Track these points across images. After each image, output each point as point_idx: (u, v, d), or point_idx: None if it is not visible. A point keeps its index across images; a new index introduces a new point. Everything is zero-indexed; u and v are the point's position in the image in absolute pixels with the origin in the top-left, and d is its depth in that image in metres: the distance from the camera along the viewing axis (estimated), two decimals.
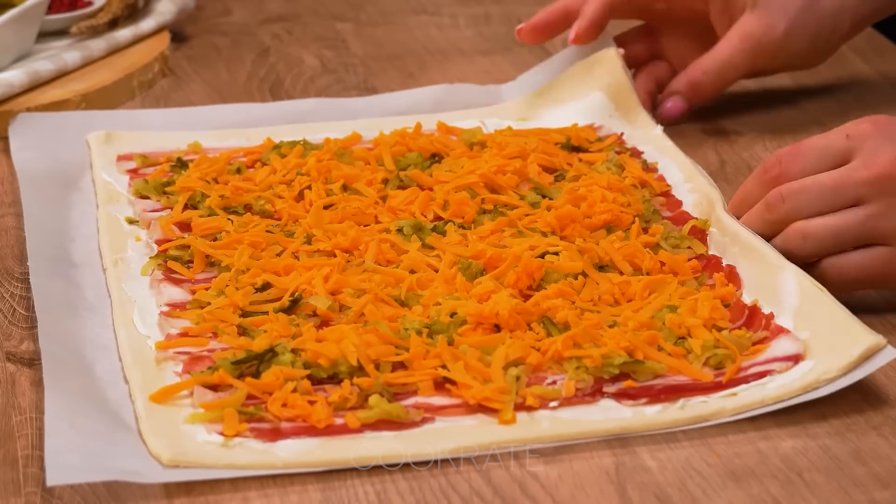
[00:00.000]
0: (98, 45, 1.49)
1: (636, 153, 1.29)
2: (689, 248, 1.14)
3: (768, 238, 1.10)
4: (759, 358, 1.02)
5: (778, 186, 1.08)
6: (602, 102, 1.36)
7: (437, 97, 1.41)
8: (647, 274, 1.11)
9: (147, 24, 1.54)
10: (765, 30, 1.30)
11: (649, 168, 1.26)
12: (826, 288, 1.05)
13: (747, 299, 1.07)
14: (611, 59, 1.37)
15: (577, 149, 1.30)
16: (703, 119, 1.40)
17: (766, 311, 1.06)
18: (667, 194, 1.23)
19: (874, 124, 1.06)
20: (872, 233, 1.05)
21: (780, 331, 1.03)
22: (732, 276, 1.09)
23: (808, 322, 1.03)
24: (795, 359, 1.01)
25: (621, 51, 1.38)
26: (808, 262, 1.08)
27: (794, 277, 1.06)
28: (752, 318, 1.06)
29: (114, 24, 1.51)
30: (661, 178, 1.25)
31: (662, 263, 1.12)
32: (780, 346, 1.02)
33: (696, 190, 1.22)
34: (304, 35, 1.62)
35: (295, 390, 0.98)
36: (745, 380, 1.01)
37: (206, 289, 1.09)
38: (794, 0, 1.30)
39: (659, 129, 1.32)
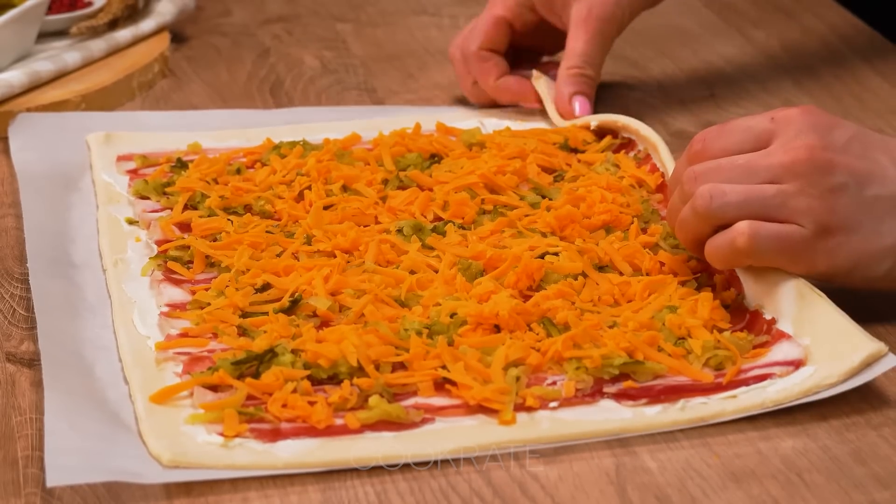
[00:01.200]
0: (98, 45, 1.49)
1: (631, 145, 1.29)
2: None
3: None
4: (759, 361, 1.02)
5: (689, 169, 1.06)
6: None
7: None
8: (647, 274, 1.11)
9: (147, 25, 1.54)
10: (599, 4, 1.36)
11: (641, 161, 1.26)
12: (736, 255, 1.03)
13: (749, 304, 1.07)
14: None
15: (574, 150, 1.30)
16: (700, 118, 1.40)
17: (766, 316, 1.05)
18: (662, 187, 1.23)
19: (801, 111, 1.04)
20: (783, 208, 1.02)
21: (782, 336, 1.03)
22: (732, 277, 1.09)
23: (808, 328, 1.03)
24: (796, 364, 1.01)
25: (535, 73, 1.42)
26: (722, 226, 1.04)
27: (793, 283, 1.05)
28: (754, 322, 1.06)
29: (114, 24, 1.51)
30: (654, 169, 1.25)
31: (662, 264, 1.12)
32: (781, 351, 1.02)
33: None
34: (305, 36, 1.62)
35: (295, 391, 0.98)
36: (746, 382, 1.01)
37: (206, 289, 1.09)
38: None
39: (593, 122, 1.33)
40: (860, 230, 1.02)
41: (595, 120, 1.32)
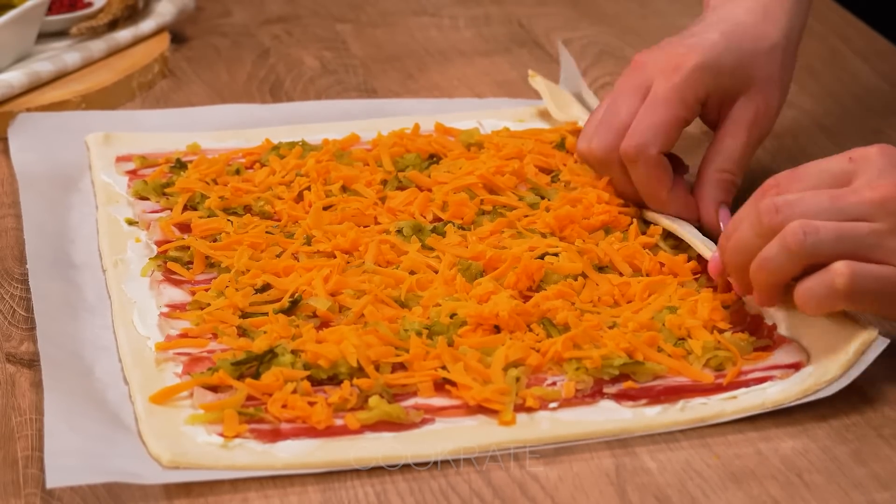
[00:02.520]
0: (98, 46, 1.49)
1: None
2: (688, 248, 1.14)
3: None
4: (760, 364, 1.02)
5: (767, 199, 1.00)
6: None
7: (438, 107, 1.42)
8: (647, 275, 1.11)
9: (147, 25, 1.54)
10: (765, 110, 1.19)
11: None
12: (834, 298, 0.97)
13: (749, 309, 1.07)
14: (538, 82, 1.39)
15: (570, 151, 1.30)
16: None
17: (768, 322, 1.05)
18: None
19: (880, 150, 0.99)
20: (878, 248, 0.96)
21: (784, 340, 1.03)
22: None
23: (801, 326, 1.03)
24: (796, 366, 1.01)
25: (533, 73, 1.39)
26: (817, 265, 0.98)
27: None
28: (756, 326, 1.05)
29: (114, 25, 1.51)
30: None
31: (662, 264, 1.12)
32: (782, 355, 1.02)
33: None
34: (304, 36, 1.62)
35: (295, 391, 0.98)
36: (746, 383, 1.01)
37: (206, 290, 1.09)
38: (774, 65, 1.19)
39: None
40: None
41: (582, 120, 1.32)
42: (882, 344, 0.99)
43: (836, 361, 0.99)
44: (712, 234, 1.14)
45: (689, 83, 1.15)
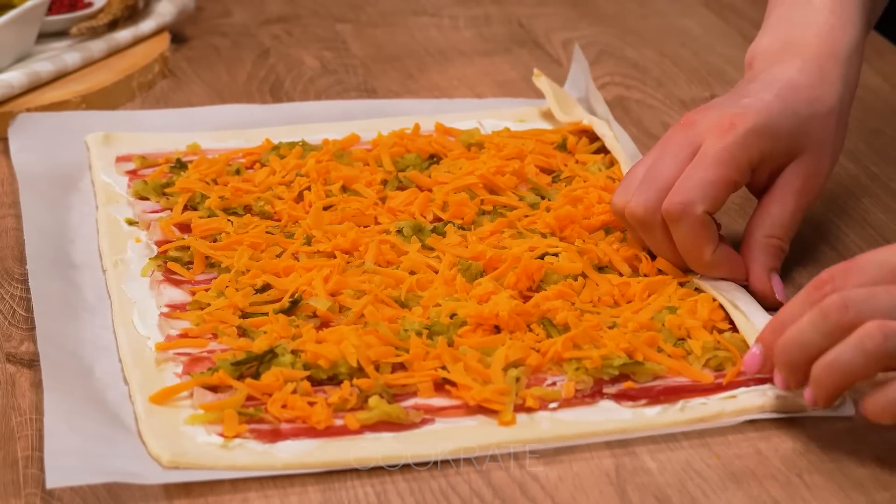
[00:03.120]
0: (98, 46, 1.49)
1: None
2: None
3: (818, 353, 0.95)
4: None
5: (834, 295, 0.93)
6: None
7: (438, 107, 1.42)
8: (646, 275, 1.11)
9: (147, 26, 1.54)
10: (815, 171, 1.12)
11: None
12: (868, 363, 0.91)
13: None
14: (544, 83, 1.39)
15: (571, 151, 1.30)
16: None
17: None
18: None
19: None
20: None
21: None
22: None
23: None
24: None
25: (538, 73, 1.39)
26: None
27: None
28: None
29: (114, 25, 1.51)
30: None
31: (660, 271, 1.11)
32: None
33: None
34: (304, 36, 1.62)
35: (295, 391, 0.98)
36: (746, 383, 1.01)
37: (206, 290, 1.09)
38: (829, 130, 1.12)
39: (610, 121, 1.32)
40: None
41: (586, 119, 1.32)
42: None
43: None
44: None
45: (743, 145, 1.08)
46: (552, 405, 0.99)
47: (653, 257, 1.12)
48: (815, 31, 1.13)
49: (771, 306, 1.08)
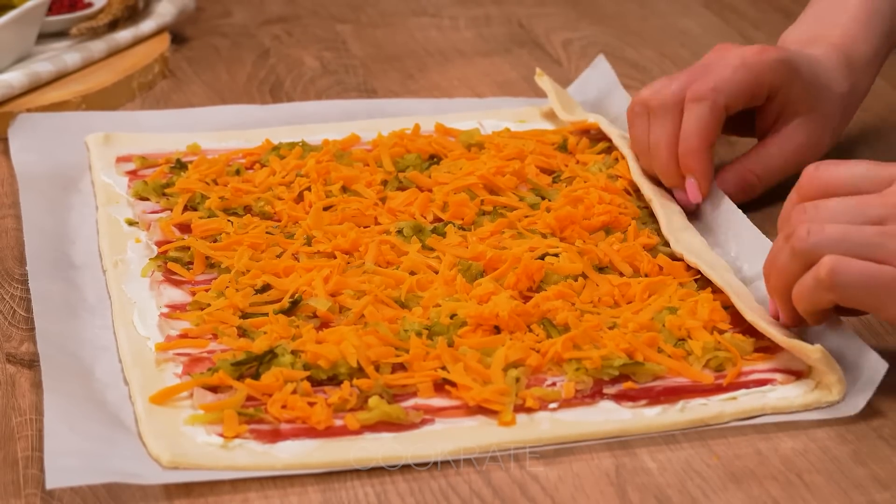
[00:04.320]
0: (98, 46, 1.49)
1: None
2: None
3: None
4: (761, 366, 1.02)
5: (806, 203, 0.99)
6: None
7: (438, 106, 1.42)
8: (647, 275, 1.11)
9: (147, 26, 1.54)
10: (817, 138, 1.23)
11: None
12: (818, 290, 0.96)
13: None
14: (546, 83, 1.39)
15: (572, 152, 1.30)
16: None
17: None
18: None
19: None
20: (881, 248, 0.95)
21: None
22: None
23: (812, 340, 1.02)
24: (797, 374, 1.01)
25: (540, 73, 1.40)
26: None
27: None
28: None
29: (114, 25, 1.51)
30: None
31: (661, 267, 1.12)
32: (783, 360, 1.02)
33: None
34: (305, 36, 1.63)
35: (295, 392, 0.98)
36: (746, 385, 1.01)
37: (206, 290, 1.09)
38: (837, 108, 1.24)
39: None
40: None
41: (592, 118, 1.32)
42: (882, 367, 0.99)
43: (839, 384, 0.99)
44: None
45: (769, 65, 1.20)
46: (552, 405, 0.99)
47: (652, 257, 1.12)
48: (841, 32, 1.25)
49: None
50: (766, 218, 1.21)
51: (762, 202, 1.25)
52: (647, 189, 1.20)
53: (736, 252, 1.15)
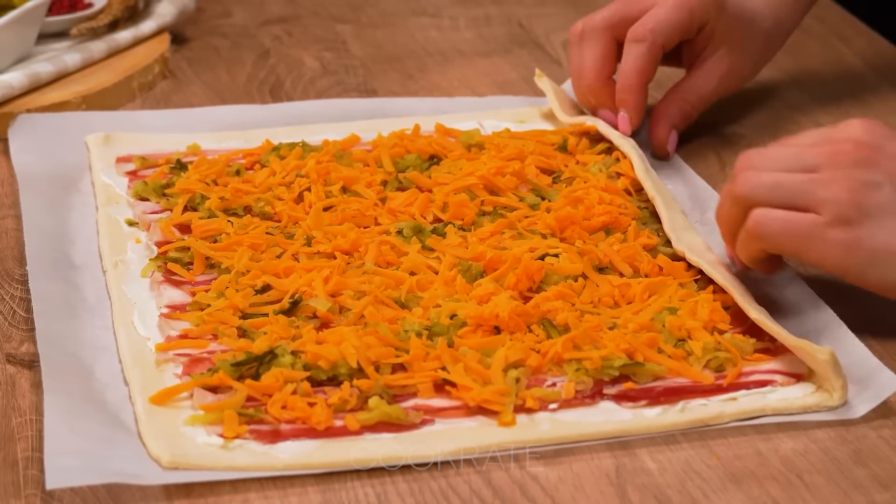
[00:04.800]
0: (98, 46, 1.49)
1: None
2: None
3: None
4: (761, 366, 1.02)
5: (751, 151, 1.07)
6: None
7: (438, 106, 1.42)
8: (647, 276, 1.11)
9: (147, 26, 1.54)
10: (739, 68, 1.35)
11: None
12: (748, 239, 1.04)
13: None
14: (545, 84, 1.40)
15: (572, 152, 1.30)
16: (703, 121, 1.40)
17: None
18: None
19: (867, 120, 1.04)
20: (809, 195, 1.01)
21: (786, 349, 1.03)
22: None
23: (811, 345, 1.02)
24: (798, 377, 1.01)
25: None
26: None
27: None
28: (758, 328, 1.05)
29: (114, 25, 1.51)
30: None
31: (661, 268, 1.12)
32: (784, 362, 1.02)
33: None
34: (305, 37, 1.62)
35: (295, 392, 0.98)
36: (747, 385, 1.01)
37: (206, 291, 1.09)
38: (757, 38, 1.35)
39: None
40: (885, 227, 1.00)
41: (590, 121, 1.32)
42: (891, 382, 0.99)
43: (842, 389, 0.99)
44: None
45: (701, 3, 1.29)
46: (552, 406, 0.99)
47: (654, 259, 1.12)
48: None
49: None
50: None
51: None
52: (651, 187, 1.20)
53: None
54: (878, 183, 1.00)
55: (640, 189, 1.23)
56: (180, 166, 1.27)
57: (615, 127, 1.31)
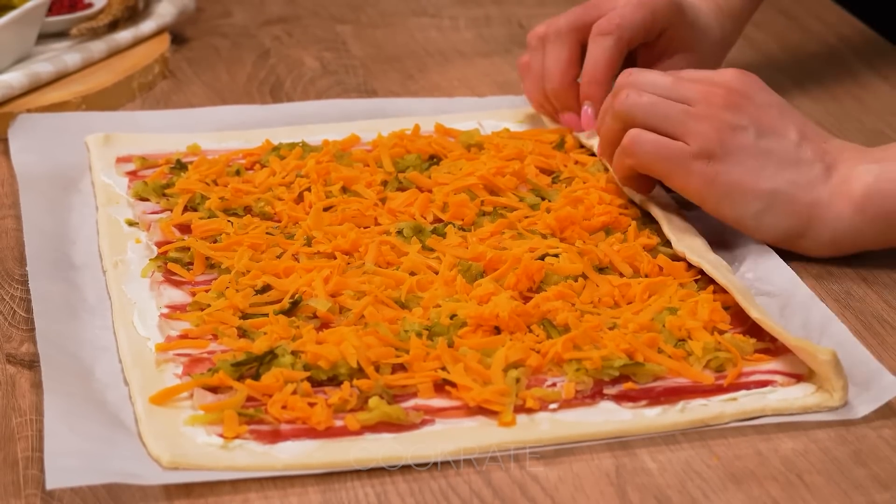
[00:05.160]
0: (98, 46, 1.49)
1: None
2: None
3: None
4: (761, 367, 1.02)
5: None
6: None
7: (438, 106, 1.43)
8: (647, 276, 1.11)
9: (147, 26, 1.54)
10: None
11: None
12: (621, 155, 1.13)
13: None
14: None
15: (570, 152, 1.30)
16: None
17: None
18: None
19: (745, 72, 1.13)
20: (680, 125, 1.11)
21: (786, 350, 1.03)
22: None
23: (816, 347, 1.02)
24: (798, 377, 1.01)
25: None
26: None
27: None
28: (758, 328, 1.05)
29: (114, 26, 1.51)
30: None
31: (661, 268, 1.12)
32: (784, 362, 1.02)
33: None
34: (305, 37, 1.62)
35: (295, 392, 0.98)
36: (747, 386, 1.01)
37: (207, 291, 1.09)
38: (708, 48, 1.37)
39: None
40: (742, 166, 1.11)
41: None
42: (892, 384, 0.99)
43: (842, 390, 0.99)
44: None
45: (665, 5, 1.31)
46: (552, 406, 0.99)
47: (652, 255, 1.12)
48: None
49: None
50: None
51: None
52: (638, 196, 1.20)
53: (739, 261, 1.15)
54: (743, 126, 1.11)
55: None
56: (180, 166, 1.27)
57: (574, 127, 1.31)
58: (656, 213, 1.17)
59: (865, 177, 1.11)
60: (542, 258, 1.12)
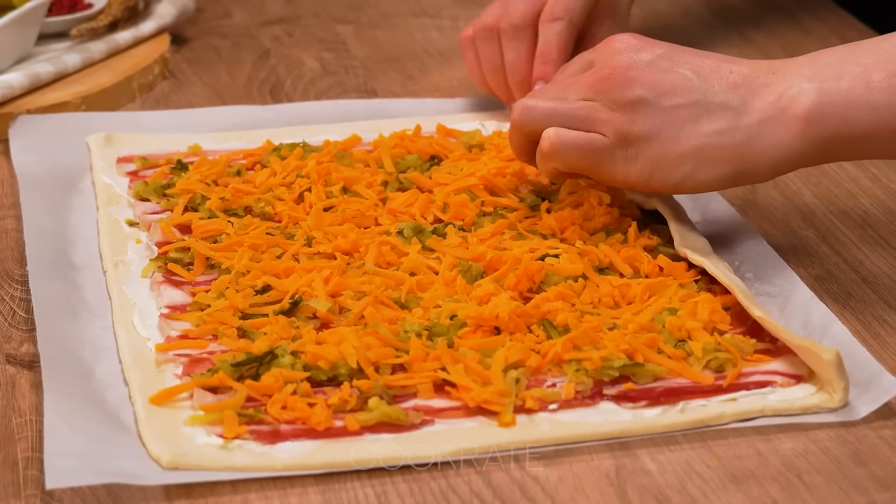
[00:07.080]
0: (98, 47, 1.49)
1: None
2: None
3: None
4: (762, 367, 1.02)
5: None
6: None
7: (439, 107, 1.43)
8: (647, 276, 1.11)
9: (147, 27, 1.54)
10: None
11: None
12: (543, 158, 1.12)
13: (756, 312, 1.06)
14: None
15: None
16: None
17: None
18: None
19: (617, 38, 1.12)
20: (587, 119, 1.11)
21: (786, 350, 1.03)
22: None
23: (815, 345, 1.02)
24: (798, 378, 1.01)
25: None
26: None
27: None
28: (758, 328, 1.05)
29: (114, 26, 1.51)
30: None
31: (661, 268, 1.12)
32: (784, 362, 1.02)
33: None
34: (305, 37, 1.62)
35: (294, 392, 0.98)
36: (747, 386, 1.01)
37: (207, 291, 1.09)
38: (623, 12, 1.40)
39: None
40: (658, 138, 1.09)
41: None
42: (892, 385, 0.99)
43: (843, 391, 0.99)
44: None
45: None
46: (552, 406, 0.99)
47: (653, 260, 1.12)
48: None
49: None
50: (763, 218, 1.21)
51: (759, 207, 1.25)
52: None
53: (739, 261, 1.16)
54: (640, 98, 1.09)
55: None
56: (181, 167, 1.27)
57: None
58: (664, 210, 1.17)
59: (803, 99, 1.06)
60: (542, 259, 1.12)
